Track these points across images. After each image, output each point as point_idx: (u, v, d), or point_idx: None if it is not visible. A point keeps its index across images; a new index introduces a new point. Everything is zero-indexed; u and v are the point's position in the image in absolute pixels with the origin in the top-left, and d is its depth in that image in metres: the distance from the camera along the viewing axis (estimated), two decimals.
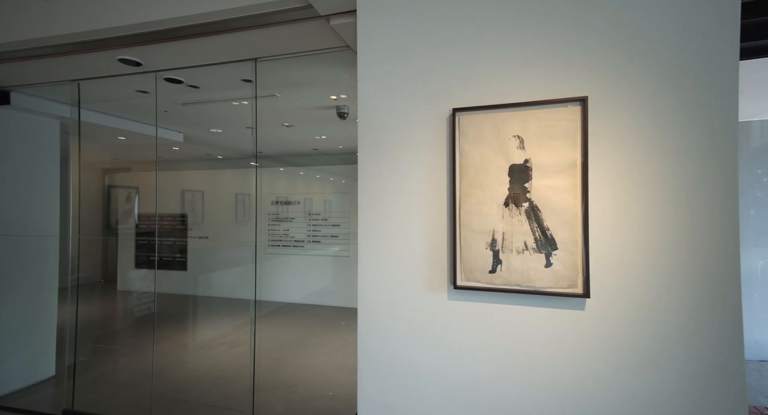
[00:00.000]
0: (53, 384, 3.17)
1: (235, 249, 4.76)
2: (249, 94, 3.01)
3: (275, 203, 4.28)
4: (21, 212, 3.07)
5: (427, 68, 1.46)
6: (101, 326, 4.55)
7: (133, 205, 4.55)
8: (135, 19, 1.90)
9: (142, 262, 3.84)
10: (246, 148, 4.72)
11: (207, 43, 2.10)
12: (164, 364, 3.55)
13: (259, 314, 4.83)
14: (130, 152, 4.94)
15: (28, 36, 2.07)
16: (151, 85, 2.78)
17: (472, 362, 1.39)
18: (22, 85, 2.80)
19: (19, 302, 3.07)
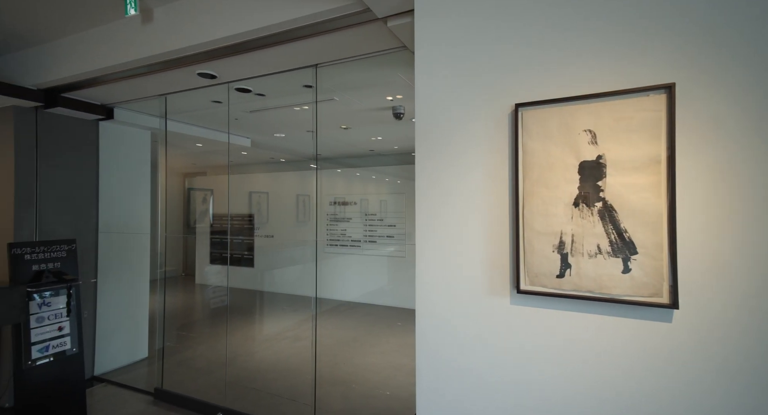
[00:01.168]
0: (146, 365, 3.59)
1: (297, 248, 4.99)
2: (310, 99, 3.13)
3: (333, 204, 4.38)
4: (121, 213, 3.51)
5: (487, 63, 1.42)
6: (183, 316, 5.05)
7: (208, 206, 4.98)
8: (211, 36, 2.07)
9: (216, 258, 4.17)
10: (306, 151, 4.91)
11: (272, 54, 2.23)
12: (236, 353, 3.84)
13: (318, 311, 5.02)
14: (206, 158, 5.41)
15: (126, 59, 2.36)
16: (224, 95, 3.01)
17: (538, 369, 1.32)
18: (122, 102, 3.20)
19: (120, 291, 3.51)
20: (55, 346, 2.47)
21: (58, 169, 3.06)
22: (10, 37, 2.62)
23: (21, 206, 2.85)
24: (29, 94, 2.78)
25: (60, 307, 2.51)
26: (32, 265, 2.49)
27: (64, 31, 2.55)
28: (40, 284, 2.44)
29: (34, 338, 2.37)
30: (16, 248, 2.42)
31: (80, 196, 3.20)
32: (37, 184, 2.95)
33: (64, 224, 3.10)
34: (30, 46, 2.77)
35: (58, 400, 2.43)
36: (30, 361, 2.34)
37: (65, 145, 3.11)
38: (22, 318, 2.09)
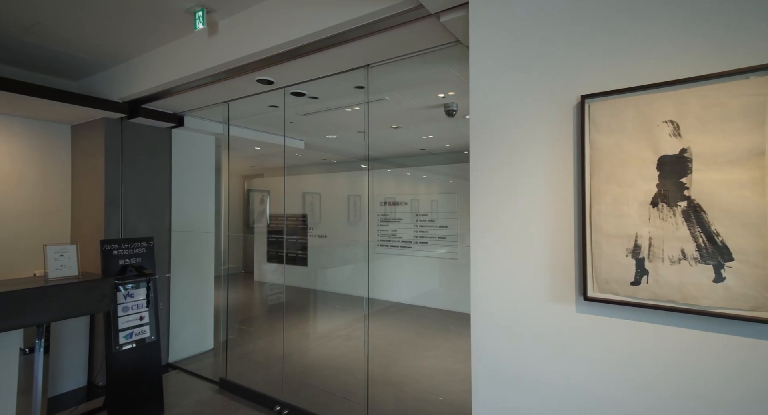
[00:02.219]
0: (212, 355, 3.87)
1: (348, 248, 5.05)
2: (361, 100, 3.17)
3: (384, 204, 4.43)
4: (189, 213, 3.83)
5: (548, 54, 1.34)
6: (243, 311, 5.38)
7: (265, 206, 5.26)
8: (269, 44, 2.18)
9: (272, 257, 4.38)
10: (357, 152, 4.98)
11: (325, 57, 2.29)
12: (292, 349, 4.01)
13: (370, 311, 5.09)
14: (263, 160, 5.72)
15: (195, 70, 2.57)
16: (281, 100, 3.16)
17: (605, 384, 1.22)
18: (191, 110, 3.49)
19: (189, 286, 3.82)
20: (137, 334, 2.75)
21: (138, 173, 3.40)
22: (101, 57, 2.96)
23: (109, 207, 3.21)
24: (116, 107, 3.13)
25: (141, 298, 2.80)
26: (119, 260, 2.79)
27: (143, 48, 2.83)
28: (125, 277, 2.73)
29: (121, 326, 2.67)
30: (107, 245, 2.74)
31: (156, 198, 3.54)
32: (122, 187, 3.30)
33: (143, 223, 3.44)
34: (116, 63, 3.11)
35: (139, 382, 2.71)
36: (117, 346, 2.64)
37: (143, 152, 3.45)
38: (111, 307, 2.37)
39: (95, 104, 3.00)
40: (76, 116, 3.21)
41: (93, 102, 2.99)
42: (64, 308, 2.14)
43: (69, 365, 3.18)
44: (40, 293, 2.02)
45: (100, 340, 3.22)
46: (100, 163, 3.22)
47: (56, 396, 3.05)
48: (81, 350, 3.26)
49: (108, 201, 3.20)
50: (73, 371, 3.20)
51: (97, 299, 2.35)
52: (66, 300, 2.13)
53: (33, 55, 2.91)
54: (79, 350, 3.24)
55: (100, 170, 3.21)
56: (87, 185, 3.34)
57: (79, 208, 3.42)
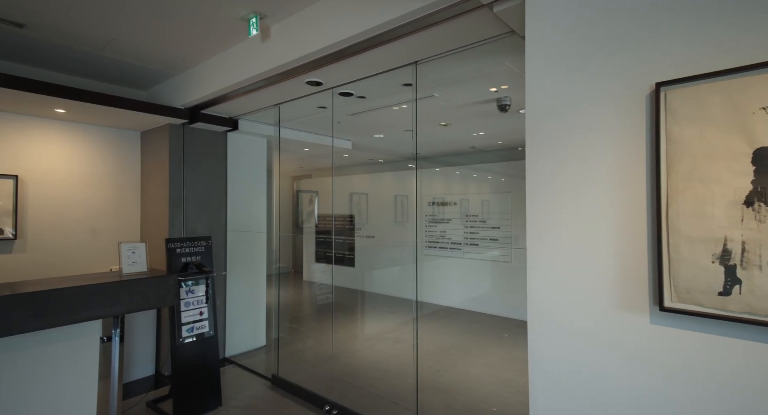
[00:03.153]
0: (264, 352, 4.08)
1: (396, 249, 5.08)
2: (409, 98, 3.17)
3: (432, 204, 4.33)
4: (243, 213, 4.06)
5: (615, 39, 1.25)
6: (293, 310, 5.60)
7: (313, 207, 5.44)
8: (317, 46, 2.26)
9: (320, 257, 4.51)
10: (405, 151, 4.98)
11: (373, 56, 2.32)
12: (341, 350, 4.11)
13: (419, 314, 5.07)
14: (312, 161, 5.92)
15: (249, 74, 2.73)
16: (329, 100, 3.25)
17: (684, 407, 1.11)
18: (244, 114, 3.70)
19: (243, 284, 4.06)
20: (198, 328, 2.97)
21: (198, 176, 3.67)
22: (167, 67, 3.24)
23: (173, 208, 3.50)
24: (179, 113, 3.40)
25: (200, 294, 3.02)
26: (181, 257, 3.03)
27: (202, 56, 3.05)
28: (187, 274, 2.96)
29: (183, 320, 2.90)
30: (171, 243, 2.99)
31: (213, 199, 3.79)
32: (184, 189, 3.58)
33: (202, 223, 3.70)
34: (179, 72, 3.39)
35: (200, 374, 2.92)
36: (181, 339, 2.87)
37: (202, 155, 3.72)
38: (175, 302, 2.58)
39: (161, 111, 3.28)
40: (145, 123, 3.53)
41: (160, 109, 3.27)
42: (136, 301, 2.36)
43: (139, 355, 3.50)
44: (116, 287, 2.24)
45: (165, 332, 3.52)
46: (165, 167, 3.51)
47: (129, 383, 3.38)
48: (149, 342, 3.58)
49: (171, 202, 3.48)
50: (142, 361, 3.52)
51: (164, 294, 2.56)
52: (137, 294, 2.35)
53: (109, 68, 3.25)
54: (147, 342, 3.57)
55: (165, 173, 3.51)
56: (153, 187, 3.66)
57: (147, 208, 3.76)
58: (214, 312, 3.10)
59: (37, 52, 2.94)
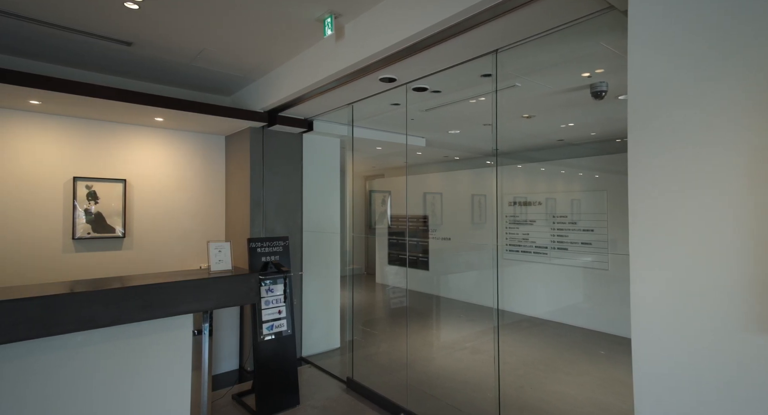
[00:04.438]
0: (339, 354, 4.29)
1: (473, 252, 5.01)
2: (488, 89, 3.11)
3: (513, 204, 4.24)
4: (318, 214, 4.32)
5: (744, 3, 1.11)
6: (366, 312, 5.79)
7: (386, 207, 5.57)
8: (392, 41, 2.33)
9: (393, 259, 4.61)
10: (482, 147, 4.88)
11: (448, 47, 2.33)
12: (416, 356, 4.16)
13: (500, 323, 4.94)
14: (384, 160, 6.06)
15: (324, 75, 2.91)
16: (402, 97, 3.32)
17: None
18: (319, 114, 3.95)
19: (318, 285, 4.32)
20: (277, 326, 3.23)
21: (275, 177, 3.98)
22: (248, 72, 3.58)
23: (254, 209, 3.84)
24: (259, 117, 3.73)
25: (279, 294, 3.27)
26: (261, 257, 3.32)
27: (280, 60, 3.32)
28: (267, 273, 3.23)
29: (264, 318, 3.17)
30: (252, 243, 3.29)
31: (290, 200, 4.09)
32: (263, 190, 3.91)
33: (280, 224, 4.00)
34: (259, 77, 3.72)
35: (279, 371, 3.17)
36: (261, 336, 3.14)
37: (280, 157, 4.03)
38: (256, 300, 2.84)
39: (243, 115, 3.63)
40: (230, 127, 3.92)
41: (242, 114, 3.62)
42: (222, 297, 2.64)
43: (224, 350, 3.90)
44: (206, 283, 2.53)
45: (247, 329, 3.87)
46: (246, 169, 3.86)
47: (215, 375, 3.78)
48: (233, 338, 3.97)
49: (252, 203, 3.82)
50: (227, 355, 3.91)
51: (246, 292, 2.83)
52: (224, 291, 2.63)
53: (198, 77, 3.68)
54: (231, 338, 3.95)
55: (246, 175, 3.86)
56: (236, 189, 4.05)
57: (230, 209, 4.17)
58: (292, 311, 3.34)
59: (142, 67, 3.43)
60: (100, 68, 3.44)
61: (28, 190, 3.23)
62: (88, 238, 3.44)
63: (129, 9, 2.49)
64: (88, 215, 3.44)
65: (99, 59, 3.24)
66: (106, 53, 3.12)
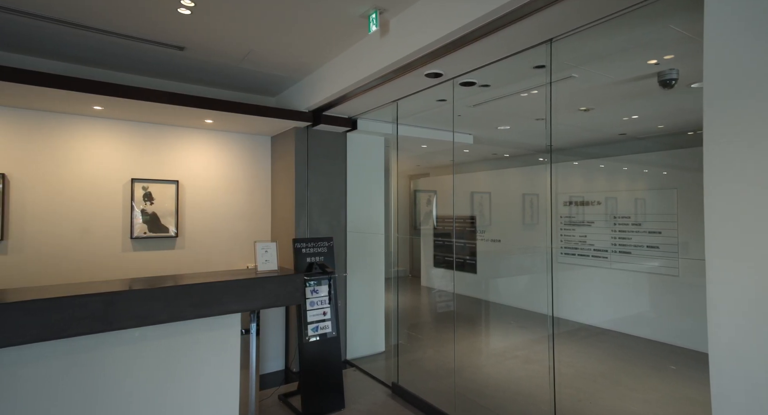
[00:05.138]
0: (384, 358, 4.34)
1: (524, 255, 4.90)
2: (541, 82, 3.02)
3: (568, 204, 4.11)
4: (362, 214, 4.40)
5: None
6: (412, 316, 5.81)
7: (432, 207, 5.55)
8: (438, 34, 2.32)
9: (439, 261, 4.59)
10: (534, 143, 4.77)
11: (498, 38, 2.29)
12: (463, 363, 4.11)
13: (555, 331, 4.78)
14: (429, 158, 6.05)
15: (368, 72, 2.95)
16: (449, 92, 3.29)
17: None
18: (363, 113, 4.01)
19: (362, 287, 4.39)
20: (321, 328, 3.32)
21: (319, 177, 4.09)
22: (293, 72, 3.71)
23: (298, 209, 3.97)
24: (304, 116, 3.86)
25: (323, 295, 3.36)
26: (306, 257, 3.43)
27: (325, 58, 3.41)
28: (312, 274, 3.33)
29: (309, 319, 3.27)
30: (297, 243, 3.40)
31: (334, 200, 4.18)
32: (308, 190, 4.03)
33: (324, 224, 4.11)
34: (303, 76, 3.84)
35: (324, 374, 3.26)
36: (307, 337, 3.24)
37: (324, 157, 4.14)
38: (302, 300, 2.94)
39: (288, 116, 3.76)
40: (275, 128, 4.08)
41: (287, 114, 3.76)
42: (269, 297, 2.75)
43: (270, 350, 4.06)
44: (253, 283, 2.65)
45: (292, 330, 4.00)
46: (291, 169, 4.00)
47: (262, 375, 3.95)
48: (279, 338, 4.12)
49: (297, 203, 3.95)
50: (273, 356, 4.07)
51: (292, 292, 2.93)
52: (270, 291, 2.74)
53: (245, 79, 3.86)
54: (277, 338, 4.11)
55: (291, 175, 4.00)
56: (281, 189, 4.21)
57: (276, 209, 4.34)
58: (336, 313, 3.41)
59: (192, 70, 3.65)
60: (155, 73, 3.70)
61: (92, 191, 3.54)
62: (144, 237, 3.71)
63: (182, 15, 2.66)
64: (144, 215, 3.71)
65: (153, 65, 3.48)
66: (160, 58, 3.35)
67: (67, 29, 2.82)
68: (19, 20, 2.70)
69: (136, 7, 2.56)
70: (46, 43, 3.05)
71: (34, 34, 2.91)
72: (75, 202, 3.47)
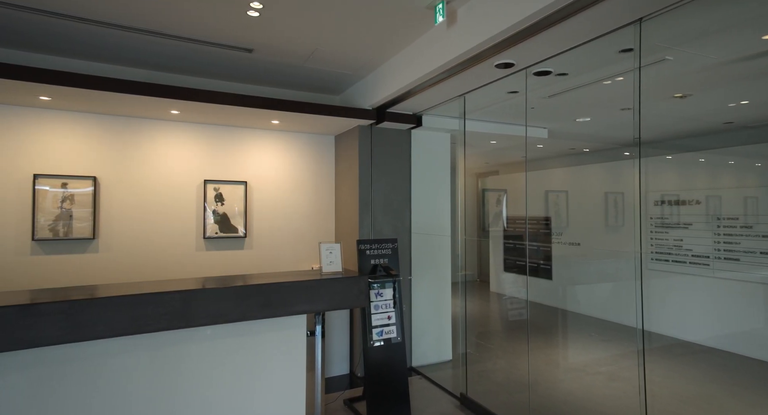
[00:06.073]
0: (451, 367, 4.31)
1: (607, 260, 4.67)
2: (628, 66, 2.87)
3: (660, 204, 3.92)
4: (426, 215, 4.40)
5: None
6: (480, 324, 5.71)
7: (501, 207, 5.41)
8: (511, 20, 2.26)
9: (510, 266, 4.48)
10: (619, 136, 4.55)
11: (578, 21, 2.18)
12: (538, 377, 3.97)
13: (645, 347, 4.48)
14: (499, 155, 5.91)
15: (434, 66, 2.94)
16: (521, 83, 3.20)
17: None
18: (427, 109, 4.02)
19: (428, 291, 4.39)
20: (386, 333, 3.36)
21: (383, 176, 4.16)
22: (358, 69, 3.81)
23: (362, 209, 4.06)
24: (367, 114, 3.94)
25: (388, 298, 3.40)
26: (370, 259, 3.49)
27: (389, 53, 3.46)
28: (376, 276, 3.39)
29: (373, 323, 3.33)
30: (362, 245, 3.48)
31: (398, 200, 4.23)
32: (371, 190, 4.10)
33: (388, 225, 4.16)
34: (367, 73, 3.92)
35: (389, 380, 3.30)
36: (371, 341, 3.30)
37: (387, 155, 4.19)
38: (366, 303, 3.00)
39: (352, 114, 3.87)
40: (339, 127, 4.21)
41: (351, 112, 3.87)
42: (334, 299, 2.84)
43: (334, 354, 4.18)
44: (318, 284, 2.75)
45: (357, 334, 4.09)
46: (354, 168, 4.10)
47: (327, 378, 4.08)
48: (344, 342, 4.24)
49: (361, 203, 4.04)
50: (337, 359, 4.19)
51: (356, 295, 3.00)
52: (335, 293, 2.83)
53: (310, 78, 4.03)
54: (342, 341, 4.23)
55: (355, 175, 4.10)
56: (345, 189, 4.33)
57: (339, 209, 4.47)
58: (401, 318, 3.43)
59: (258, 72, 3.87)
60: (223, 76, 3.97)
61: (169, 192, 3.88)
62: (216, 237, 4.00)
63: (250, 17, 2.83)
64: (215, 215, 4.00)
65: (222, 67, 3.74)
66: (229, 61, 3.59)
67: (149, 38, 3.12)
68: (107, 32, 3.04)
69: (209, 13, 2.77)
70: (129, 51, 3.39)
71: (121, 43, 3.26)
72: (155, 203, 3.83)
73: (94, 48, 3.31)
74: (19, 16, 2.79)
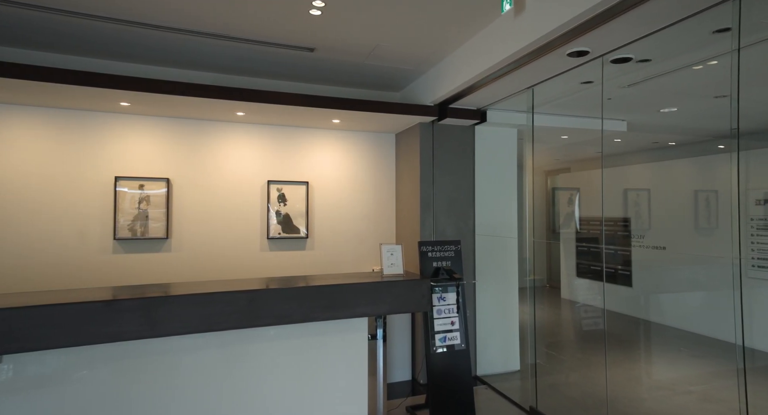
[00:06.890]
0: (519, 378, 4.21)
1: (698, 267, 4.42)
2: (724, 49, 2.69)
3: (762, 203, 3.77)
4: (492, 215, 4.33)
5: None
6: (551, 333, 5.53)
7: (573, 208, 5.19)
8: (585, 5, 2.16)
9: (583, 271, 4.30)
10: (712, 127, 4.26)
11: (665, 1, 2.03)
12: (617, 394, 3.78)
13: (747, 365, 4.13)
14: (570, 151, 5.67)
15: (499, 58, 2.90)
16: (596, 72, 3.07)
17: None
18: (492, 103, 3.95)
19: (493, 296, 4.32)
20: (449, 339, 3.34)
21: (445, 175, 4.15)
22: (419, 64, 3.84)
23: (424, 209, 4.08)
24: (429, 111, 3.95)
25: (451, 303, 3.38)
26: (432, 262, 3.49)
27: (451, 47, 3.45)
28: (439, 280, 3.38)
29: (436, 328, 3.32)
30: (423, 246, 3.49)
31: (461, 200, 4.19)
32: (433, 189, 4.11)
33: (450, 226, 4.14)
34: (429, 68, 3.93)
35: (453, 389, 3.28)
36: (434, 347, 3.30)
37: (450, 153, 4.18)
38: (428, 308, 3.00)
39: (413, 111, 3.90)
40: (399, 124, 4.26)
41: (412, 109, 3.90)
42: (395, 303, 2.87)
43: (396, 359, 4.23)
44: (380, 287, 2.80)
45: (419, 339, 4.11)
46: (416, 167, 4.13)
47: (389, 384, 4.13)
48: (405, 347, 4.27)
49: (422, 203, 4.06)
50: (399, 365, 4.23)
51: (418, 299, 3.01)
52: (397, 296, 2.86)
53: (370, 75, 4.11)
54: (403, 347, 4.26)
55: (416, 174, 4.12)
56: (405, 189, 4.36)
57: (400, 210, 4.51)
58: (465, 324, 3.40)
59: (319, 70, 4.01)
60: (284, 76, 4.15)
61: (234, 193, 4.12)
62: (279, 238, 4.19)
63: (312, 16, 2.94)
64: (278, 216, 4.20)
65: (285, 67, 3.90)
66: (291, 61, 3.75)
67: (213, 41, 3.34)
68: (174, 37, 3.28)
69: (271, 14, 2.91)
70: (195, 55, 3.64)
71: (186, 47, 3.51)
72: (221, 204, 4.08)
73: (162, 52, 3.59)
74: (92, 25, 3.09)
